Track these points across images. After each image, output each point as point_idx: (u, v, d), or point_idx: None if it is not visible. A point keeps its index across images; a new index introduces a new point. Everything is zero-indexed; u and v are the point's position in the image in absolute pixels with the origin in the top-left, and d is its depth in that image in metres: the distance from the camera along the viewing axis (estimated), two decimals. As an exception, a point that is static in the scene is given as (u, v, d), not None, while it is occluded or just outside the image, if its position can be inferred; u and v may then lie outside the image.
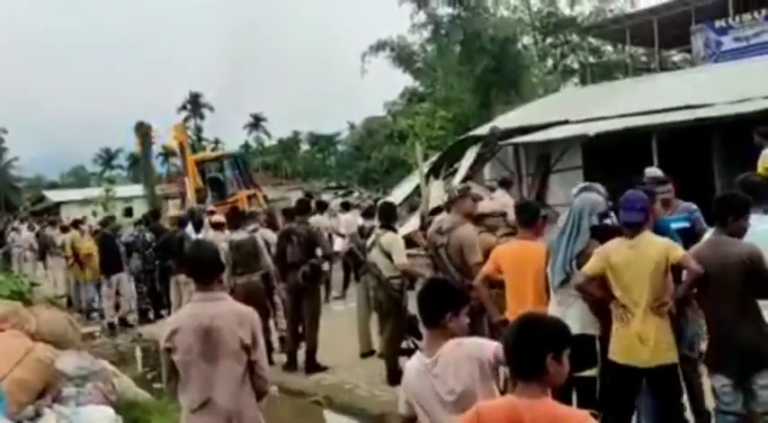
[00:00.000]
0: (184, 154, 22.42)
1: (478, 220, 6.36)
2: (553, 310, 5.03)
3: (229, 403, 3.77)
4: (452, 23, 30.89)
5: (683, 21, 21.55)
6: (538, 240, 5.50)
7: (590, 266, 4.66)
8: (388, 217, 7.88)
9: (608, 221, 4.98)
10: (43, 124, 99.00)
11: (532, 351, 2.42)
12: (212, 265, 3.96)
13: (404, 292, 7.45)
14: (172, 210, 19.43)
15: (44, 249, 18.99)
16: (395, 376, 7.49)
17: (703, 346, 4.81)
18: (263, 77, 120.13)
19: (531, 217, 5.54)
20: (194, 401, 3.80)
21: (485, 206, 6.54)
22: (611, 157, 14.20)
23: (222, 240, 8.66)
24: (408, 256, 8.40)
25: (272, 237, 9.42)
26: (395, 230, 7.78)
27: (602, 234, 4.85)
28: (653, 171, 6.60)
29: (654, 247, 4.53)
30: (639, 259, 4.53)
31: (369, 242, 7.95)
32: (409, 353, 7.64)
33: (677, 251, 4.49)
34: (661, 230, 4.88)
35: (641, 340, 4.54)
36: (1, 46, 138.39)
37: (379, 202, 9.31)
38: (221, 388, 3.77)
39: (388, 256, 7.41)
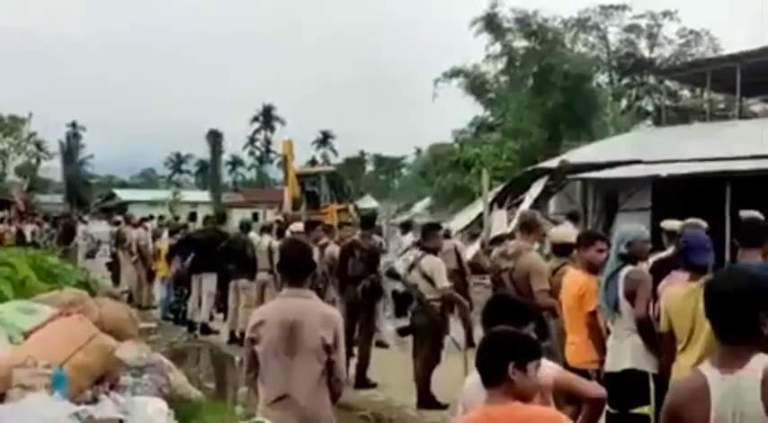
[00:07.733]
0: (286, 165, 25.27)
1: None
2: (611, 343, 4.97)
3: (306, 401, 3.83)
4: (527, 56, 30.76)
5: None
6: (589, 271, 5.36)
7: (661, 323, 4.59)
8: (433, 239, 7.68)
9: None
10: (119, 125, 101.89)
11: (495, 360, 2.66)
12: (303, 264, 4.06)
13: (445, 317, 7.39)
14: (271, 216, 21.01)
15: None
16: (426, 400, 7.41)
17: None
18: (335, 96, 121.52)
19: (576, 247, 5.58)
20: (271, 395, 3.87)
21: (556, 234, 6.43)
22: (682, 200, 13.83)
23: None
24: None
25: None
26: (435, 253, 7.58)
27: (627, 260, 4.89)
28: (750, 214, 6.32)
29: None
30: (698, 303, 4.36)
31: (407, 264, 7.68)
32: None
33: None
34: None
35: None
36: (86, 44, 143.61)
37: (423, 224, 9.20)
38: (299, 384, 3.83)
39: (429, 279, 7.33)
